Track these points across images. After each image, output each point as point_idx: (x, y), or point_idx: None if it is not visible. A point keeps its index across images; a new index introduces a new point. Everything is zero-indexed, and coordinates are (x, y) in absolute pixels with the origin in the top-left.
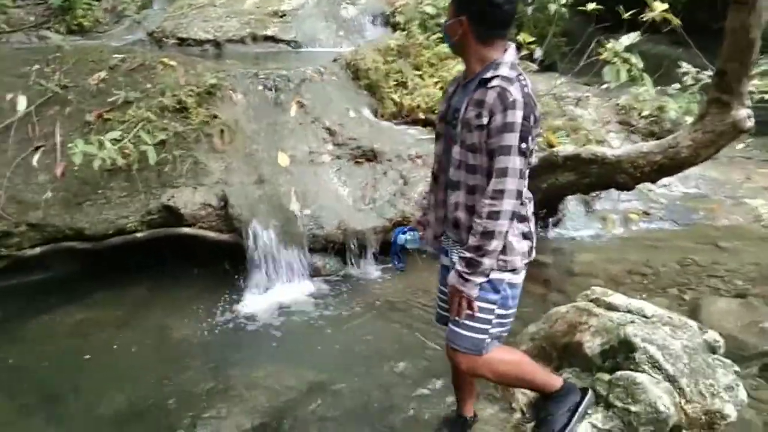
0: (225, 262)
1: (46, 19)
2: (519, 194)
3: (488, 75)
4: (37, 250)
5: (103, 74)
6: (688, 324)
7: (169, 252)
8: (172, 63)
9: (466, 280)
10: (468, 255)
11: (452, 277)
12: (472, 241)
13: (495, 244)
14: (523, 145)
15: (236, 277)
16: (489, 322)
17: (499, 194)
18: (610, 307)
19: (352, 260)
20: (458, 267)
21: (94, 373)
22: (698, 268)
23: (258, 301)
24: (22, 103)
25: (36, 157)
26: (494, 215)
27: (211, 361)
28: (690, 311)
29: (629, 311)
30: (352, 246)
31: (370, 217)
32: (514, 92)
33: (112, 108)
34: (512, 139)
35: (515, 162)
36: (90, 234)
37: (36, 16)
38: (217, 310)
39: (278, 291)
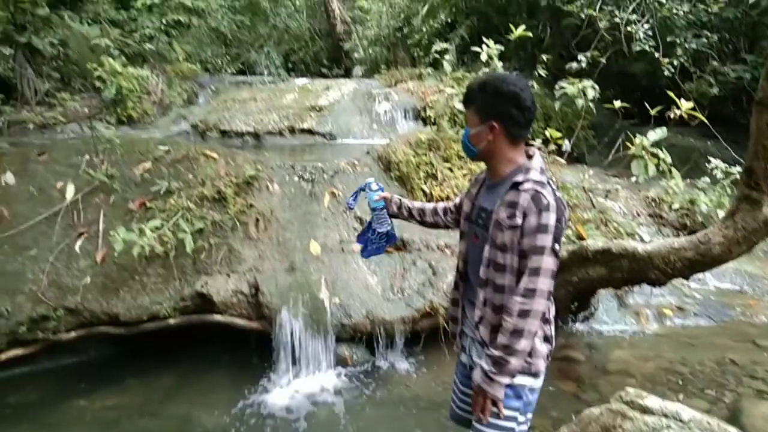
0: (252, 349)
1: (99, 111)
2: (550, 295)
3: (520, 179)
4: (73, 334)
5: (148, 165)
6: (729, 431)
7: (198, 337)
8: (214, 155)
9: (492, 380)
10: (496, 354)
11: (477, 376)
12: (501, 339)
13: (524, 344)
14: (556, 246)
15: (264, 365)
16: (512, 430)
17: (531, 293)
18: (645, 411)
19: (380, 351)
20: (484, 366)
21: None
22: (737, 368)
23: (284, 391)
24: (70, 191)
25: (79, 243)
26: (525, 314)
27: None
28: (730, 415)
29: (665, 415)
30: (380, 336)
31: (398, 307)
32: (548, 196)
33: (155, 197)
34: (546, 240)
35: (548, 262)
36: (125, 319)
37: (90, 108)
38: (243, 400)
39: (305, 381)
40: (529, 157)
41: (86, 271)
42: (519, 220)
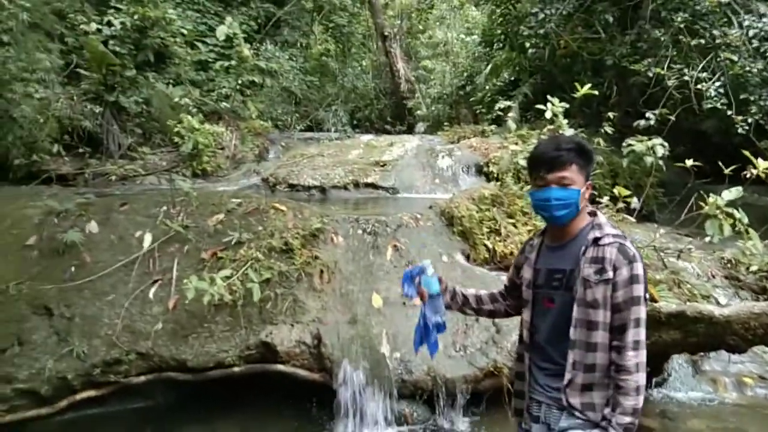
0: (313, 401)
1: (175, 164)
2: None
3: (597, 234)
4: (142, 378)
5: (221, 216)
6: None
7: (260, 388)
8: (283, 208)
9: None
10: (627, 420)
11: None
12: (628, 401)
13: (641, 400)
14: (647, 295)
15: (323, 418)
16: None
17: (638, 345)
18: None
19: (441, 409)
20: None
21: None
22: None
23: None
24: (147, 240)
25: (153, 290)
26: (640, 367)
27: None
28: None
29: None
30: (441, 394)
31: (460, 365)
32: (632, 247)
33: (226, 247)
34: (640, 290)
35: (644, 312)
36: (192, 366)
37: (167, 161)
38: None
39: None
40: (593, 214)
41: (158, 317)
42: (610, 274)
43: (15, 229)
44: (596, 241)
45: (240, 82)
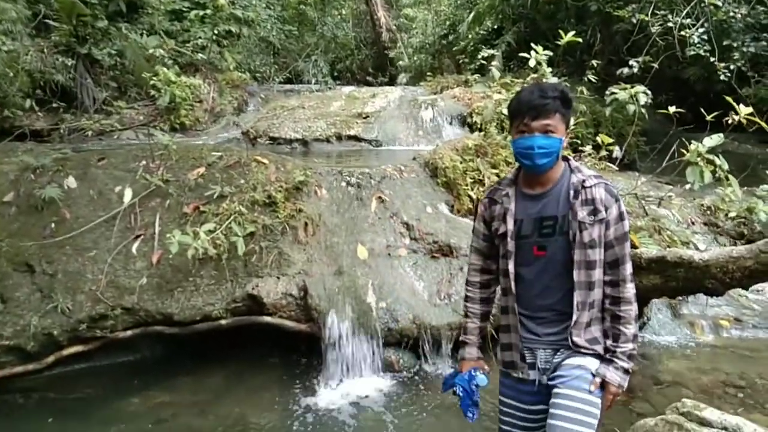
0: (301, 351)
1: (153, 118)
2: None
3: (580, 177)
4: (129, 333)
5: (202, 170)
6: None
7: (248, 339)
8: (265, 161)
9: (628, 374)
10: (630, 347)
11: (617, 377)
12: (630, 329)
13: (638, 327)
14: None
15: (311, 367)
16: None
17: (632, 278)
18: (703, 423)
19: (426, 356)
20: (622, 364)
21: None
22: None
23: (331, 393)
24: (128, 195)
25: (135, 245)
26: (635, 297)
27: None
28: None
29: (725, 428)
30: (427, 341)
31: (445, 313)
32: (614, 186)
33: (208, 201)
34: (627, 226)
35: (629, 248)
36: (178, 319)
37: (144, 115)
38: (291, 400)
39: (351, 384)
40: (565, 159)
41: (142, 272)
42: (603, 213)
43: None
44: (582, 184)
45: (216, 32)
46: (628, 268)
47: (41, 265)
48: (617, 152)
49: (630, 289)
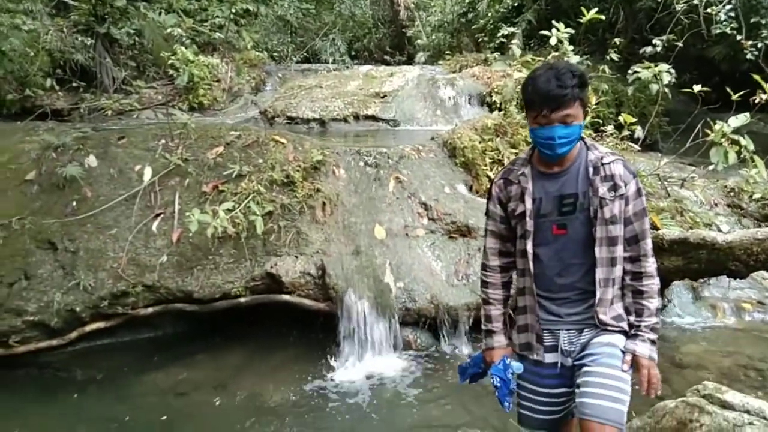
0: (319, 330)
1: (172, 98)
2: None
3: (597, 154)
4: (150, 310)
5: (220, 149)
6: None
7: (266, 317)
8: (283, 140)
9: (655, 344)
10: (654, 320)
11: (644, 350)
12: (653, 303)
13: (656, 316)
14: None
15: (329, 345)
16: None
17: (652, 253)
18: (725, 405)
19: (444, 336)
20: (648, 336)
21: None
22: None
23: (349, 372)
24: (147, 173)
25: (156, 223)
26: (656, 272)
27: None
28: None
29: (747, 411)
30: (445, 321)
31: (463, 293)
32: (629, 162)
33: (227, 180)
34: (644, 201)
35: (649, 224)
36: (198, 297)
37: (163, 95)
38: (308, 378)
39: (369, 363)
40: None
41: (163, 250)
42: (623, 189)
43: (13, 164)
44: (600, 161)
45: (233, 10)
46: (649, 243)
47: (63, 242)
48: (639, 132)
49: (651, 264)
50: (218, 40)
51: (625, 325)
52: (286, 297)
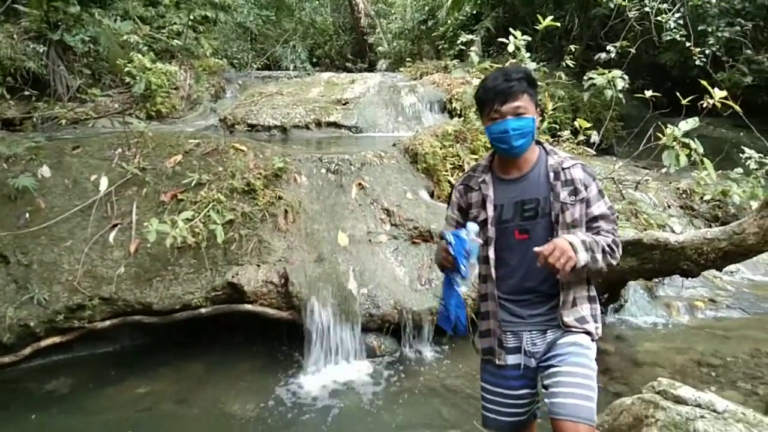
0: (283, 339)
1: (129, 106)
2: None
3: (557, 159)
4: (107, 323)
5: (179, 158)
6: (765, 422)
7: (229, 327)
8: (243, 148)
9: (586, 249)
10: (594, 238)
11: (568, 235)
12: (605, 239)
13: (600, 257)
14: None
15: (293, 354)
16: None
17: (619, 242)
18: (678, 401)
19: (408, 341)
20: (582, 237)
21: None
22: None
23: (313, 380)
24: (104, 183)
25: (113, 234)
26: (618, 247)
27: None
28: (765, 407)
29: (698, 405)
30: (408, 326)
31: (426, 298)
32: (587, 166)
33: (186, 189)
34: (607, 200)
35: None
36: (158, 309)
37: (120, 103)
38: (273, 388)
39: (333, 370)
40: (538, 143)
41: (120, 262)
42: (584, 192)
43: None
44: (560, 165)
45: (192, 17)
46: (615, 231)
47: (16, 255)
48: (595, 137)
49: (612, 234)
50: (176, 47)
51: (588, 327)
52: (248, 306)
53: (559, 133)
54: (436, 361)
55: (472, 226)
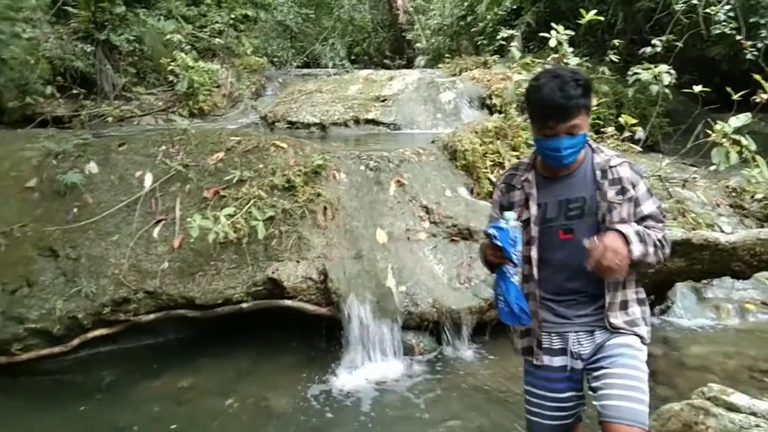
0: (321, 335)
1: (172, 104)
2: None
3: (603, 157)
4: (152, 316)
5: (221, 155)
6: None
7: (269, 322)
8: (283, 145)
9: (640, 240)
10: (645, 231)
11: (628, 229)
12: (656, 234)
13: (652, 251)
14: None
15: (332, 350)
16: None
17: (666, 240)
18: (731, 408)
19: (447, 340)
20: (635, 228)
21: None
22: None
23: (351, 377)
24: (148, 180)
25: (157, 229)
26: (665, 242)
27: None
28: None
29: (753, 413)
30: (447, 325)
31: (465, 297)
32: (635, 164)
33: (228, 186)
34: (656, 199)
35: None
36: (200, 303)
37: (163, 101)
38: (311, 383)
39: (371, 368)
40: None
41: (164, 257)
42: (632, 191)
43: (14, 171)
44: (608, 164)
45: (233, 16)
46: (662, 230)
47: (65, 249)
48: (640, 133)
49: (660, 231)
50: (218, 45)
51: (639, 330)
52: (288, 302)
53: (603, 129)
54: (475, 361)
55: (510, 214)
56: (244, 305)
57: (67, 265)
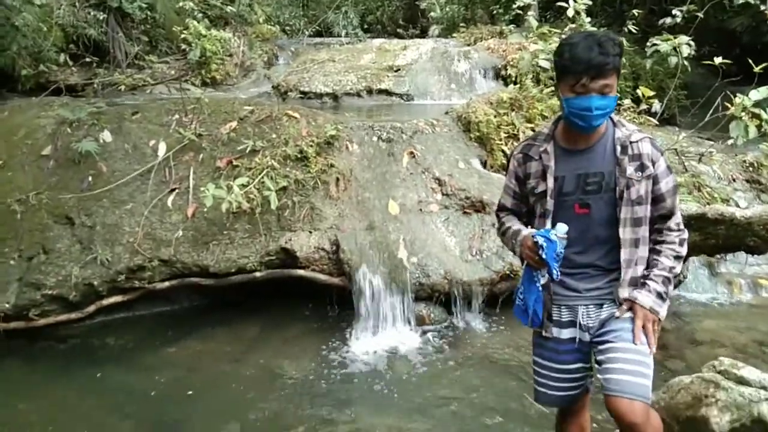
0: (333, 305)
1: (184, 73)
2: None
3: (625, 132)
4: (166, 284)
5: (234, 124)
6: None
7: (281, 291)
8: (296, 115)
9: (663, 301)
10: (666, 274)
11: (648, 300)
12: (667, 262)
13: (679, 269)
14: None
15: (343, 320)
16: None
17: (683, 227)
18: (741, 381)
19: (458, 311)
20: (657, 288)
21: (204, 405)
22: None
23: (362, 346)
24: (162, 149)
25: (171, 198)
26: (684, 243)
27: (316, 403)
28: None
29: (763, 387)
30: (458, 296)
31: (477, 269)
32: (656, 141)
33: (241, 156)
34: (675, 178)
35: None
36: (214, 271)
37: (176, 70)
38: (323, 351)
39: (382, 337)
40: None
41: (178, 225)
42: (651, 169)
43: (29, 139)
44: (628, 139)
45: None
46: (679, 216)
47: (80, 217)
48: (657, 106)
49: (676, 236)
50: (230, 14)
51: None
52: (300, 272)
53: (619, 101)
54: (485, 332)
55: (562, 227)
56: (258, 274)
57: (83, 232)
